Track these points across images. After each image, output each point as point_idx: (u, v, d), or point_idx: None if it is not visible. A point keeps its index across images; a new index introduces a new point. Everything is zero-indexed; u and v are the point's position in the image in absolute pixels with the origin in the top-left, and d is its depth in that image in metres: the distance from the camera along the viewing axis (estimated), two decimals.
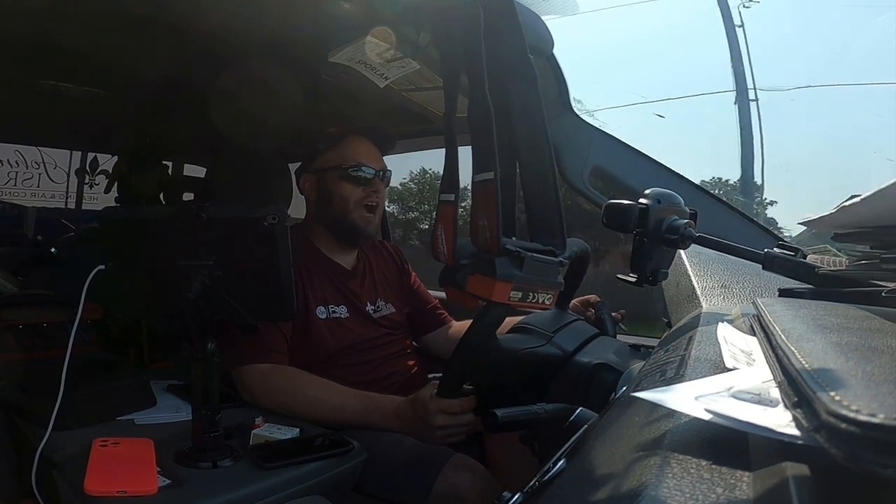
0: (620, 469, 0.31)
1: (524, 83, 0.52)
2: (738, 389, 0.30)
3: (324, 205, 1.25)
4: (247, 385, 1.07)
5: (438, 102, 0.49)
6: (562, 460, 0.48)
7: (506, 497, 0.50)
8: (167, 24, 1.12)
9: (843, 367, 0.26)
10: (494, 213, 0.47)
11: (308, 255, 1.23)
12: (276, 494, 0.79)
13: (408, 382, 1.23)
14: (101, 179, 2.56)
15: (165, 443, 0.84)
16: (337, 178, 1.23)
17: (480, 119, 0.48)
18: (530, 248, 0.49)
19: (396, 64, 1.20)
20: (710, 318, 0.60)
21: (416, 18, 1.00)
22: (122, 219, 0.99)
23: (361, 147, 1.26)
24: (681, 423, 0.33)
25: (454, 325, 1.42)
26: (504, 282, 0.47)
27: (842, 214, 0.50)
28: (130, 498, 0.71)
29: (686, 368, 0.43)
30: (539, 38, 1.04)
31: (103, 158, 2.57)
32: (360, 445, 0.91)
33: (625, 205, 0.66)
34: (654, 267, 0.68)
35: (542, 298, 0.50)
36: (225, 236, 0.83)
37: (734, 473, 0.27)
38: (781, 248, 0.66)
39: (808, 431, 0.23)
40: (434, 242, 0.51)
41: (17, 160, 2.74)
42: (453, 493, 0.93)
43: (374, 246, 1.41)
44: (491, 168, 0.47)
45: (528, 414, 0.70)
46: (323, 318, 1.19)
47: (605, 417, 0.50)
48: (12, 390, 0.99)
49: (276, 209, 0.80)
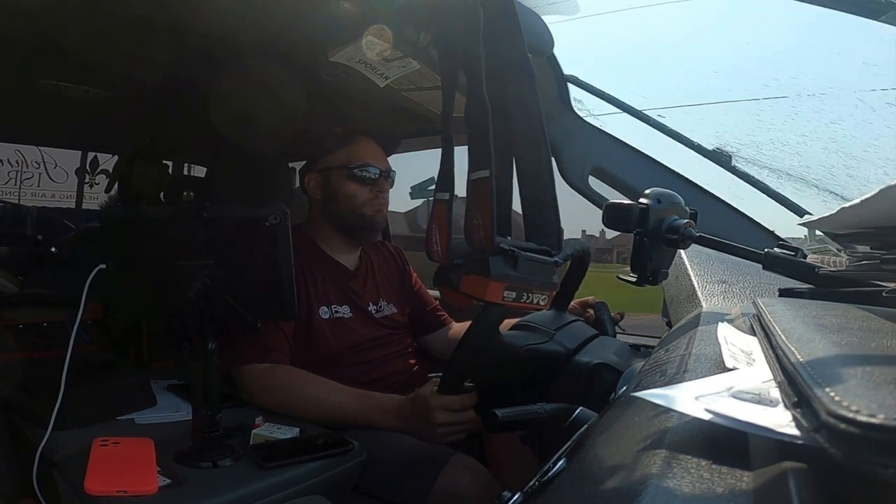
0: (620, 469, 0.31)
1: (522, 82, 0.52)
2: (738, 389, 0.30)
3: (330, 203, 1.26)
4: (246, 385, 1.07)
5: (438, 102, 0.49)
6: (562, 460, 0.48)
7: (506, 497, 0.50)
8: (167, 25, 1.12)
9: (843, 368, 0.26)
10: (489, 211, 0.47)
11: (311, 254, 1.23)
12: (276, 494, 0.79)
13: (409, 382, 1.23)
14: (101, 179, 2.56)
15: (165, 443, 0.84)
16: (344, 177, 1.24)
17: (477, 118, 0.48)
18: (525, 247, 0.49)
19: (396, 63, 1.20)
20: (710, 318, 0.60)
21: (416, 18, 1.00)
22: (122, 219, 0.99)
23: (368, 147, 1.27)
24: (681, 423, 0.33)
25: (454, 327, 1.42)
26: (498, 281, 0.47)
27: (842, 215, 0.50)
28: (130, 498, 0.71)
29: (686, 368, 0.43)
30: (539, 38, 1.04)
31: (103, 158, 2.57)
32: (360, 445, 0.91)
33: (625, 205, 0.66)
34: (655, 267, 0.68)
35: (537, 299, 0.50)
36: (226, 236, 0.83)
37: (734, 473, 0.27)
38: (781, 248, 0.66)
39: (807, 431, 0.23)
40: (428, 241, 0.51)
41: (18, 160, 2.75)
42: (453, 493, 0.93)
43: (375, 246, 1.41)
44: (486, 167, 0.47)
45: (528, 414, 0.70)
46: (326, 318, 1.19)
47: (605, 417, 0.50)
48: (12, 390, 0.99)
49: (278, 209, 0.80)
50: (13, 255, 1.71)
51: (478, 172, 0.48)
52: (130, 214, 1.02)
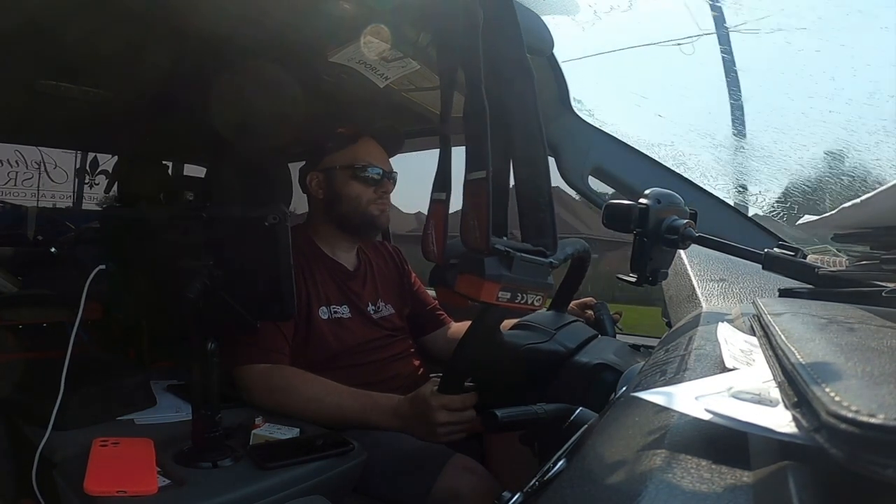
0: (620, 469, 0.31)
1: (521, 83, 0.52)
2: (738, 389, 0.30)
3: (332, 203, 1.26)
4: (246, 385, 1.07)
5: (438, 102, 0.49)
6: (562, 460, 0.48)
7: (506, 497, 0.50)
8: (167, 24, 1.12)
9: (843, 368, 0.26)
10: (485, 212, 0.47)
11: (310, 255, 1.24)
12: (277, 494, 0.79)
13: (412, 385, 1.23)
14: (101, 179, 2.56)
15: (165, 443, 0.84)
16: (348, 177, 1.24)
17: (475, 118, 0.48)
18: (520, 248, 0.49)
19: (396, 64, 1.20)
20: (710, 318, 0.60)
21: (415, 18, 1.00)
22: (122, 219, 0.99)
23: (371, 148, 1.27)
24: (681, 423, 0.33)
25: (453, 326, 1.42)
26: (492, 282, 0.47)
27: (842, 215, 0.50)
28: (130, 498, 0.71)
29: (686, 368, 0.43)
30: (539, 38, 1.04)
31: (103, 158, 2.57)
32: (360, 445, 0.91)
33: (625, 205, 0.66)
34: (654, 267, 0.68)
35: (531, 299, 0.49)
36: (225, 236, 0.83)
37: (734, 473, 0.27)
38: (781, 248, 0.66)
39: (807, 431, 0.23)
40: (424, 241, 0.51)
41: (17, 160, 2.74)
42: (453, 493, 0.93)
43: (374, 246, 1.41)
44: (483, 167, 0.47)
45: (528, 414, 0.70)
46: (325, 318, 1.19)
47: (605, 417, 0.50)
48: (12, 390, 0.99)
49: (278, 209, 0.80)
50: (13, 255, 1.71)
51: (474, 173, 0.48)
52: (130, 215, 1.02)
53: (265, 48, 1.23)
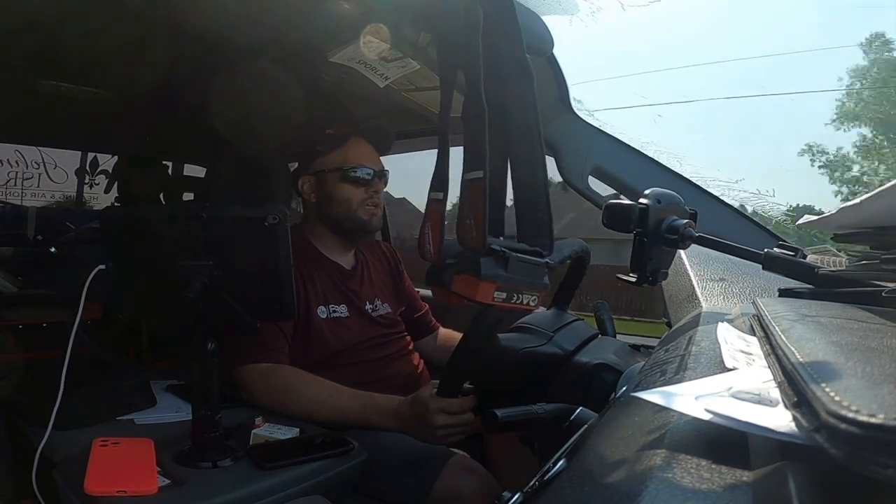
0: (620, 469, 0.31)
1: (521, 83, 0.52)
2: (738, 389, 0.30)
3: (325, 206, 1.26)
4: (246, 385, 1.07)
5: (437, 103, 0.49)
6: (562, 460, 0.48)
7: (506, 497, 0.50)
8: (167, 24, 1.12)
9: (843, 368, 0.26)
10: (481, 212, 0.47)
11: (308, 255, 1.24)
12: (277, 494, 0.79)
13: (412, 383, 1.23)
14: (101, 179, 2.56)
15: (165, 443, 0.84)
16: (338, 179, 1.24)
17: (474, 118, 0.48)
18: (516, 248, 0.49)
19: (396, 64, 1.20)
20: (710, 318, 0.60)
21: (415, 18, 1.00)
22: (122, 219, 0.99)
23: (361, 148, 1.26)
24: (681, 422, 0.33)
25: (442, 332, 1.44)
26: (488, 282, 0.47)
27: (842, 215, 0.50)
28: (130, 498, 0.71)
29: (686, 368, 0.43)
30: (539, 38, 1.04)
31: (103, 158, 2.57)
32: (360, 446, 0.91)
33: (625, 205, 0.66)
34: (654, 267, 0.68)
35: (527, 299, 0.49)
36: (225, 236, 0.83)
37: (734, 473, 0.27)
38: (781, 248, 0.66)
39: (807, 431, 0.23)
40: (421, 240, 0.51)
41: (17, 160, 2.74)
42: (453, 493, 0.93)
43: (370, 246, 1.41)
44: (480, 167, 0.47)
45: (528, 414, 0.70)
46: (324, 317, 1.19)
47: (605, 417, 0.50)
48: (12, 390, 0.99)
49: (277, 209, 0.80)
50: (13, 255, 1.71)
51: (472, 173, 0.48)
52: (130, 215, 1.02)
53: (265, 48, 1.23)
